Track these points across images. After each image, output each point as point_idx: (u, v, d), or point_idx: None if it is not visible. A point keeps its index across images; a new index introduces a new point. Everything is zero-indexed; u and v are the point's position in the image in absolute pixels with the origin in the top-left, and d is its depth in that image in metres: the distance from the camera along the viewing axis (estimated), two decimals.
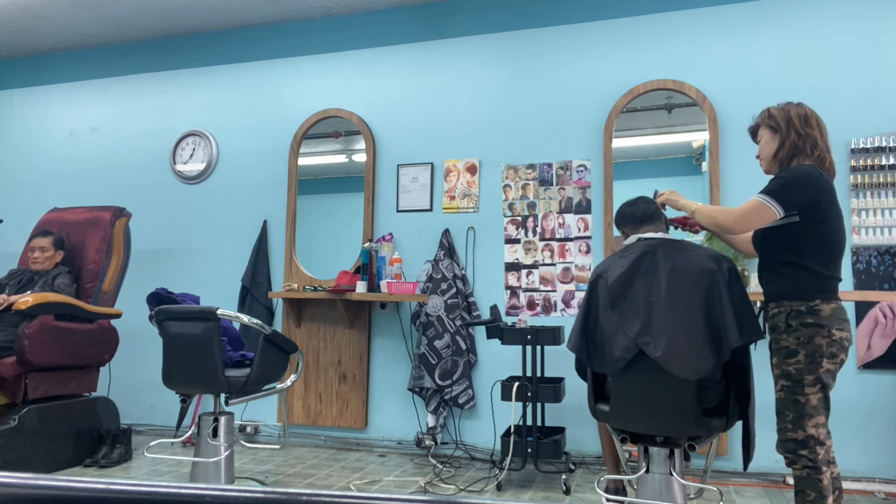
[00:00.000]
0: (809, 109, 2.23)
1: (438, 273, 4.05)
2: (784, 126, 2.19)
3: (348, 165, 4.51)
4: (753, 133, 2.32)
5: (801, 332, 2.03)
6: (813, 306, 2.03)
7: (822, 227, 2.06)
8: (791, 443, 2.03)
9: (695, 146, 3.81)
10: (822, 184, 2.07)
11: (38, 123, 5.35)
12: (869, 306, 3.43)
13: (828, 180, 2.11)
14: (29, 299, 3.42)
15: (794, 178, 2.07)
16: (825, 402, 2.03)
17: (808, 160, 2.15)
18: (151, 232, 4.88)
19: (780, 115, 2.21)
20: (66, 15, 4.72)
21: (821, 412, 2.02)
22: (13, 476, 0.52)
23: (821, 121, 2.22)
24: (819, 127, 2.20)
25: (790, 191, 2.06)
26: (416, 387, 3.97)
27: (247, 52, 4.82)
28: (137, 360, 4.76)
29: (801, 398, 2.02)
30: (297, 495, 0.50)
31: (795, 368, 2.03)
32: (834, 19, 3.65)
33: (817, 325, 2.01)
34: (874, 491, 3.28)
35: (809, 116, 2.20)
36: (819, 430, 2.01)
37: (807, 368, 2.01)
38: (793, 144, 2.18)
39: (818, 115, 2.23)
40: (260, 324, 3.05)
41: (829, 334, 2.01)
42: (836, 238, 2.08)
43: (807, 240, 2.06)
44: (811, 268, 2.05)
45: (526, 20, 4.19)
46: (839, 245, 2.08)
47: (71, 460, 3.64)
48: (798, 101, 2.27)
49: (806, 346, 2.02)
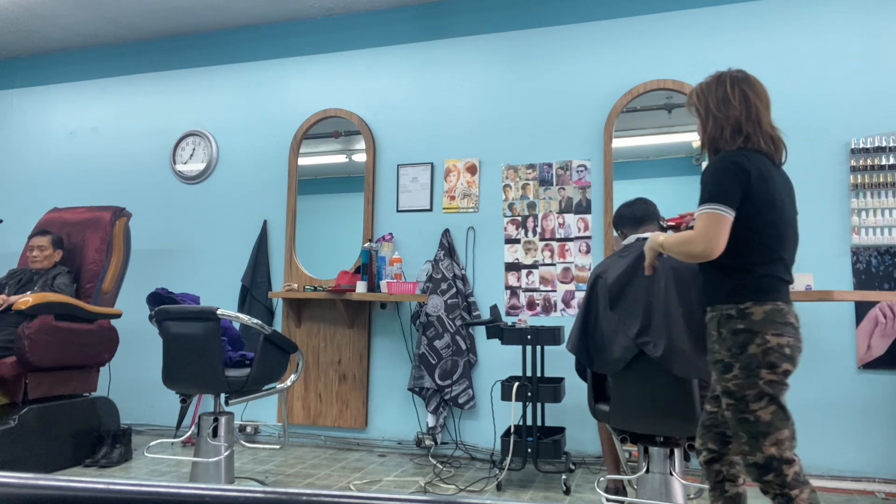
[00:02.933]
0: (734, 81, 1.92)
1: (438, 273, 4.05)
2: (703, 112, 1.94)
3: (348, 165, 4.51)
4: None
5: (732, 340, 1.77)
6: (743, 309, 1.77)
7: (754, 220, 1.81)
8: (753, 468, 1.76)
9: (695, 146, 3.81)
10: (747, 172, 1.81)
11: (38, 123, 5.35)
12: (869, 306, 3.43)
13: (756, 166, 1.82)
14: (29, 299, 3.42)
15: (718, 173, 1.82)
16: (781, 415, 1.75)
17: (733, 146, 1.87)
18: (151, 232, 4.88)
19: (699, 98, 1.96)
20: (66, 15, 4.72)
21: (778, 427, 1.74)
22: (13, 476, 0.52)
23: (749, 92, 1.90)
24: (744, 102, 1.89)
25: (726, 188, 1.80)
26: (416, 387, 3.97)
27: (247, 52, 4.82)
28: (137, 360, 4.76)
29: (749, 416, 1.76)
30: (297, 495, 0.50)
31: (735, 384, 1.77)
32: (834, 19, 3.65)
33: (748, 332, 1.75)
34: (874, 491, 3.28)
35: (730, 94, 1.90)
36: (781, 449, 1.73)
37: (746, 383, 1.76)
38: (711, 133, 1.92)
39: (749, 83, 1.92)
40: (260, 324, 3.05)
41: (764, 341, 1.74)
42: (772, 231, 1.81)
43: (738, 236, 1.80)
44: (743, 267, 1.80)
45: (526, 20, 4.19)
46: (778, 239, 1.82)
47: (71, 460, 3.63)
48: (731, 70, 1.96)
49: (739, 358, 1.76)
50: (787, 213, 1.86)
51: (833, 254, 3.51)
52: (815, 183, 3.59)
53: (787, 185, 1.91)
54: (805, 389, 3.49)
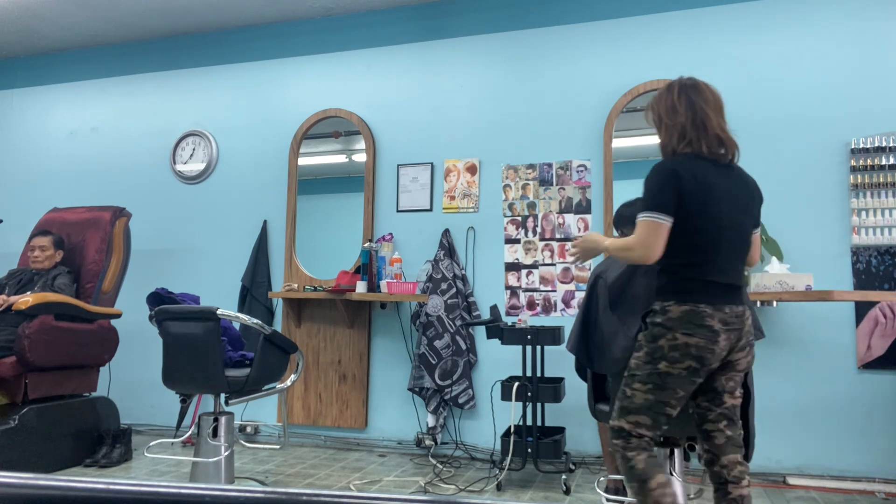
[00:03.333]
0: (681, 89, 1.98)
1: (438, 273, 4.05)
2: (656, 121, 2.02)
3: (348, 165, 4.51)
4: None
5: (650, 330, 1.91)
6: (665, 307, 1.89)
7: (683, 224, 1.88)
8: (613, 431, 1.96)
9: None
10: (679, 177, 1.87)
11: (38, 123, 5.35)
12: (869, 306, 3.43)
13: (692, 172, 1.88)
14: (29, 299, 3.42)
15: (654, 181, 1.90)
16: (656, 408, 1.88)
17: (680, 152, 1.95)
18: (151, 232, 4.88)
19: (653, 108, 2.03)
20: (66, 15, 4.72)
21: (643, 413, 1.89)
22: (13, 476, 0.52)
23: (695, 98, 1.95)
24: (690, 108, 1.94)
25: (660, 195, 1.88)
26: (416, 387, 3.97)
27: (247, 52, 4.82)
28: (137, 360, 4.76)
29: (628, 391, 1.93)
30: (297, 495, 0.50)
31: (635, 362, 1.94)
32: (834, 19, 3.65)
33: (663, 327, 1.88)
34: (874, 491, 3.28)
35: (676, 103, 1.96)
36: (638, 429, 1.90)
37: (643, 365, 1.90)
38: (663, 141, 2.00)
39: (696, 89, 1.97)
40: (260, 324, 3.05)
41: (674, 338, 1.85)
42: (698, 236, 1.88)
43: (672, 240, 1.89)
44: (671, 269, 1.91)
45: (526, 20, 4.19)
46: (706, 243, 1.88)
47: (71, 460, 3.63)
48: (681, 78, 2.01)
49: (650, 345, 1.90)
50: (724, 217, 1.90)
51: (833, 254, 3.51)
52: (815, 183, 3.59)
53: (736, 188, 1.95)
54: (805, 389, 3.49)
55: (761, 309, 3.53)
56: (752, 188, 2.01)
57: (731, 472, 1.91)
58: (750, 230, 1.98)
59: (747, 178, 2.01)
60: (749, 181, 2.01)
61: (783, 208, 3.61)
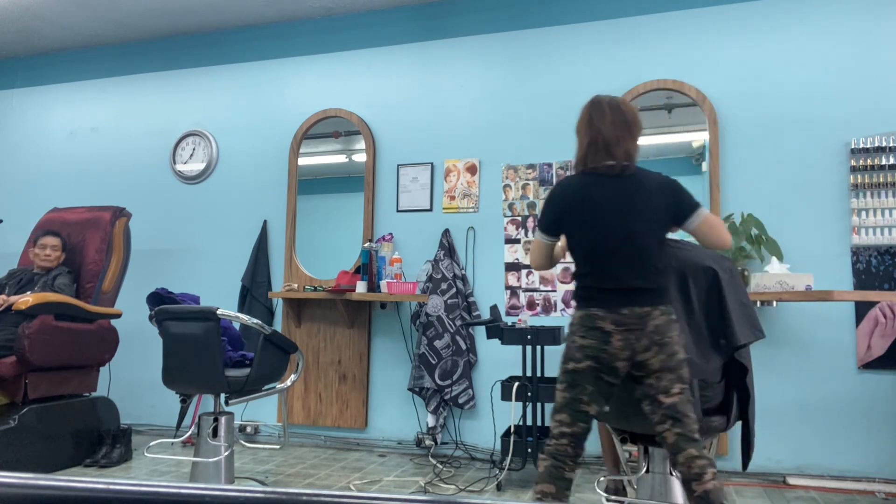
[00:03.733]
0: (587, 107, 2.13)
1: (438, 273, 4.05)
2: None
3: (348, 165, 4.51)
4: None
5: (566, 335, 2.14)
6: (573, 313, 2.11)
7: (571, 240, 2.10)
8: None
9: (695, 146, 3.81)
10: (562, 196, 2.09)
11: (38, 123, 5.35)
12: (869, 306, 3.43)
13: (574, 191, 2.08)
14: (29, 299, 3.42)
15: (544, 202, 2.17)
16: (569, 404, 2.04)
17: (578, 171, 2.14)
18: (151, 232, 4.88)
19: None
20: (66, 15, 4.72)
21: (563, 411, 2.05)
22: (13, 476, 0.52)
23: (594, 114, 2.10)
24: (589, 125, 2.10)
25: (544, 217, 2.16)
26: (416, 387, 3.97)
27: (247, 52, 4.82)
28: (137, 360, 4.76)
29: (555, 392, 2.11)
30: (297, 495, 0.50)
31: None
32: (834, 19, 3.65)
33: (569, 330, 2.09)
34: (874, 491, 3.28)
35: (581, 121, 2.13)
36: (560, 427, 2.04)
37: (560, 366, 2.10)
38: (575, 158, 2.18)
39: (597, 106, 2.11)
40: (260, 324, 3.05)
41: (573, 340, 2.04)
42: (579, 250, 2.08)
43: (573, 254, 2.13)
44: (575, 279, 2.14)
45: (526, 20, 4.19)
46: (587, 256, 2.06)
47: (71, 460, 3.63)
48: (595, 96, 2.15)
49: (564, 348, 2.11)
50: (610, 228, 2.03)
51: (833, 254, 3.51)
52: (815, 183, 3.59)
53: (625, 198, 2.04)
54: (805, 389, 3.49)
55: (761, 309, 3.53)
56: (651, 190, 2.05)
57: (692, 468, 1.91)
58: (647, 236, 2.03)
59: (646, 183, 2.05)
60: (647, 185, 2.05)
61: (783, 208, 3.61)
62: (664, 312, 2.01)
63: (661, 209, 2.05)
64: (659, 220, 2.06)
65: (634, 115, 2.11)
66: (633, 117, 2.10)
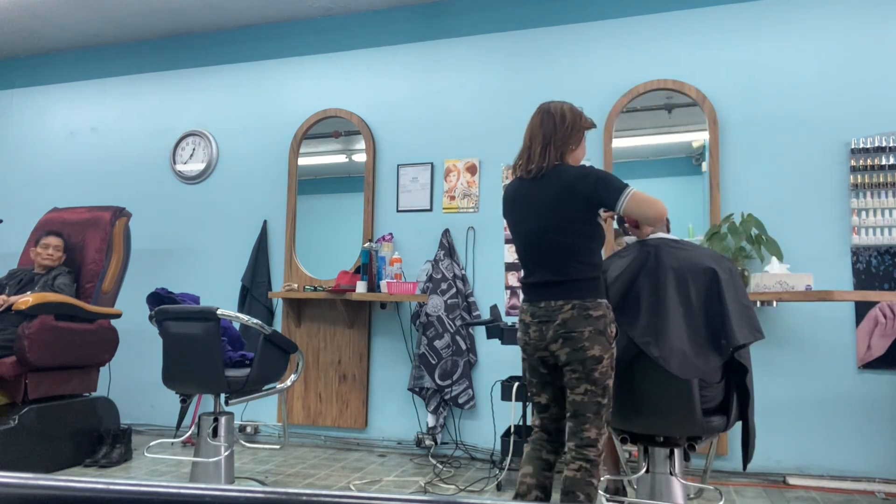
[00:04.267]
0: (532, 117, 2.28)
1: (438, 273, 4.05)
2: None
3: (348, 165, 4.51)
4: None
5: None
6: None
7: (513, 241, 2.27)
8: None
9: (695, 146, 3.81)
10: (502, 203, 2.28)
11: (38, 123, 5.35)
12: (869, 306, 3.43)
13: (510, 195, 2.24)
14: (29, 299, 3.42)
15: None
16: (529, 394, 2.26)
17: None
18: (151, 232, 4.88)
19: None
20: (66, 15, 4.72)
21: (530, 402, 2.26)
22: (13, 476, 0.52)
23: (530, 123, 2.25)
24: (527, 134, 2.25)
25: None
26: (416, 387, 3.97)
27: (247, 52, 4.82)
28: (137, 360, 4.76)
29: None
30: (297, 495, 0.50)
31: None
32: (834, 19, 3.65)
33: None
34: (874, 491, 3.28)
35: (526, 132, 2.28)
36: (533, 418, 2.25)
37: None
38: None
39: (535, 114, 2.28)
40: (260, 324, 3.05)
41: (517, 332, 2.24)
42: (516, 248, 2.25)
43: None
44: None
45: (526, 20, 4.19)
46: (520, 253, 2.23)
47: (71, 460, 3.64)
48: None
49: None
50: (526, 226, 2.17)
51: (833, 254, 3.51)
52: (815, 183, 3.59)
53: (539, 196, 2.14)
54: (805, 389, 3.49)
55: (761, 309, 3.53)
56: (568, 185, 2.09)
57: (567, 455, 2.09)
58: (562, 232, 2.09)
59: (564, 178, 2.11)
60: (564, 180, 2.10)
61: (783, 208, 3.61)
62: (576, 307, 2.04)
63: (580, 200, 2.08)
64: (579, 214, 2.08)
65: (564, 116, 2.21)
66: (562, 119, 2.20)
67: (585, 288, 2.06)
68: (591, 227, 2.10)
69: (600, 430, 2.05)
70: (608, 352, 2.04)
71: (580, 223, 2.08)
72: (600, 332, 2.03)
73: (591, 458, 2.03)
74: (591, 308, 2.03)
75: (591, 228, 2.10)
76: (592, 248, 2.09)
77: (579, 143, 2.23)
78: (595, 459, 2.03)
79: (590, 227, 2.09)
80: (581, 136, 2.25)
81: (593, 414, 2.04)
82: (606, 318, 2.05)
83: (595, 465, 2.03)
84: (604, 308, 2.06)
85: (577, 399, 2.06)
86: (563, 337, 2.04)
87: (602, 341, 2.03)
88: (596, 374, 2.03)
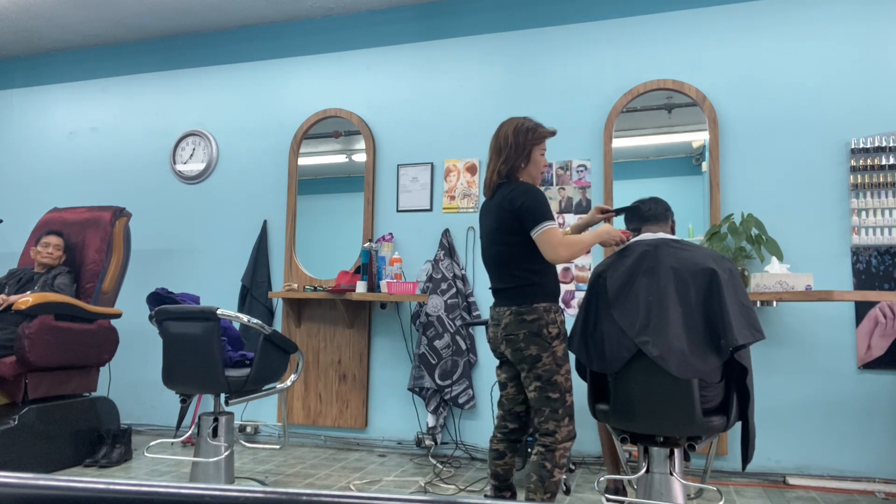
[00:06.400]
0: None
1: (438, 273, 4.05)
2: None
3: (348, 165, 4.51)
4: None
5: None
6: None
7: None
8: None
9: (695, 146, 3.81)
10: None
11: (38, 123, 5.35)
12: (869, 306, 3.43)
13: (481, 212, 2.49)
14: (29, 299, 3.42)
15: None
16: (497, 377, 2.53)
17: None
18: (151, 232, 4.88)
19: None
20: (66, 15, 4.72)
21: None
22: (13, 476, 0.52)
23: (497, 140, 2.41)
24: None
25: None
26: (416, 387, 3.97)
27: (247, 52, 4.82)
28: (137, 360, 4.76)
29: None
30: (297, 495, 0.50)
31: None
32: (834, 19, 3.65)
33: None
34: (874, 491, 3.28)
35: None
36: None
37: None
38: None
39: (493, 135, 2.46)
40: (260, 324, 3.05)
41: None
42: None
43: None
44: None
45: (526, 20, 4.19)
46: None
47: (71, 460, 3.64)
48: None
49: None
50: (483, 240, 2.43)
51: (833, 254, 3.51)
52: (815, 183, 3.59)
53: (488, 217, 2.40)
54: (805, 389, 3.49)
55: (761, 309, 3.53)
56: (500, 207, 2.32)
57: (537, 441, 2.34)
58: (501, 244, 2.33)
59: (501, 197, 2.33)
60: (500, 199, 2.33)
61: (783, 208, 3.61)
62: (514, 313, 2.30)
63: (513, 217, 2.29)
64: (515, 227, 2.29)
65: (507, 138, 2.35)
66: (505, 141, 2.36)
67: (521, 294, 2.29)
68: (528, 237, 2.30)
69: (559, 423, 2.26)
70: (546, 350, 2.26)
71: (517, 235, 2.29)
72: (535, 334, 2.26)
73: (547, 445, 2.28)
74: (525, 313, 2.28)
75: (528, 238, 2.30)
76: (530, 255, 2.29)
77: (529, 159, 2.37)
78: (551, 446, 2.25)
79: (527, 237, 2.29)
80: (529, 152, 2.37)
81: (548, 409, 2.28)
82: (542, 321, 2.26)
83: (551, 451, 2.27)
84: (539, 311, 2.27)
85: (531, 395, 2.32)
86: (505, 339, 2.33)
87: (538, 342, 2.26)
88: (539, 370, 2.28)
